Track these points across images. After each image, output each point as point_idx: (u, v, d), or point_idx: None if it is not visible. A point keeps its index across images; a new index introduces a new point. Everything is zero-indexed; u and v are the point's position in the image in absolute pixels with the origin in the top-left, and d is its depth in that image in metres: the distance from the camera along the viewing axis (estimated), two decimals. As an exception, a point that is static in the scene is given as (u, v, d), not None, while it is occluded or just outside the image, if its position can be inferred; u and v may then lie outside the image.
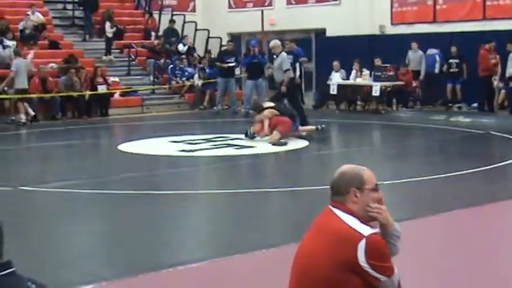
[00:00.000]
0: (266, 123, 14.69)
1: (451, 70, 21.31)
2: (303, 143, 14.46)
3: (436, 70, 21.60)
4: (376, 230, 3.82)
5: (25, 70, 19.82)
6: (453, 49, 21.17)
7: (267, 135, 14.59)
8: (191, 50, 25.66)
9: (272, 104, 15.48)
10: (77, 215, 8.92)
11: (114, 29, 24.56)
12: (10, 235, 2.60)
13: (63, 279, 5.87)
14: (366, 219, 3.86)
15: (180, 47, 25.08)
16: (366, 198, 3.87)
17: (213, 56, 24.41)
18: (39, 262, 6.28)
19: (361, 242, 3.67)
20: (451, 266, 6.33)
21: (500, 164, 11.72)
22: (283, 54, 17.44)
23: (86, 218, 8.78)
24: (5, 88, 19.76)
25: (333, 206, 3.90)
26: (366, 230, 3.74)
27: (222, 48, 24.08)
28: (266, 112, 14.93)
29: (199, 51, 25.98)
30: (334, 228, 3.79)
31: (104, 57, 24.22)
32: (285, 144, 14.18)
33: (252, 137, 14.91)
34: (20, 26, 23.03)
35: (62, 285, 5.65)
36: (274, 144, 14.15)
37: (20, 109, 19.42)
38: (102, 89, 21.40)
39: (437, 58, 21.57)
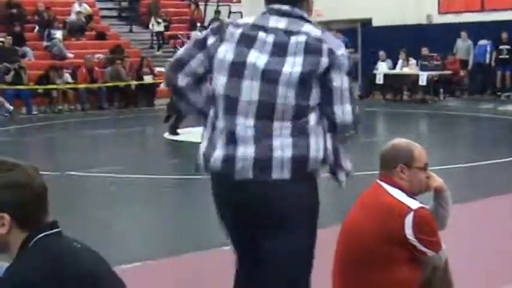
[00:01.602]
0: None
1: (501, 57, 21.02)
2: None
3: (487, 61, 21.33)
4: (423, 205, 3.77)
5: None
6: (504, 35, 20.88)
7: None
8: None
9: None
10: (122, 198, 8.98)
11: (162, 24, 24.66)
12: (57, 217, 2.60)
13: (109, 258, 5.88)
14: (414, 194, 3.81)
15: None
16: (414, 176, 3.80)
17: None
18: (85, 240, 6.30)
19: (408, 215, 3.63)
20: (497, 249, 6.24)
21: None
22: None
23: (131, 201, 8.83)
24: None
25: (381, 180, 3.85)
26: (413, 204, 3.69)
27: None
28: None
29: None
30: (382, 201, 3.75)
31: (157, 52, 24.35)
32: None
33: None
34: (70, 17, 23.29)
35: (108, 262, 5.66)
36: None
37: None
38: (148, 78, 21.53)
39: (488, 49, 21.28)
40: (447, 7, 23.12)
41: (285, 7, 3.37)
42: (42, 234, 2.46)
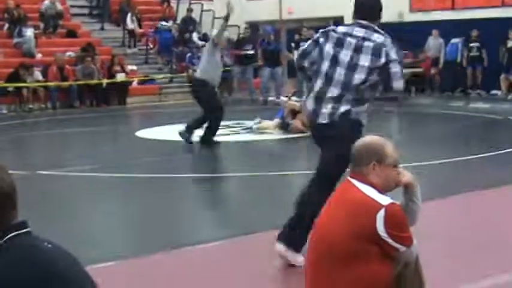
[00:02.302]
0: None
1: (472, 54, 21.20)
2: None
3: (458, 59, 21.50)
4: (394, 201, 3.80)
5: None
6: (474, 33, 21.06)
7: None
8: (207, 38, 25.66)
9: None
10: (95, 197, 8.94)
11: (136, 21, 24.56)
12: (28, 217, 2.59)
13: (83, 257, 5.85)
14: (385, 191, 3.84)
15: (194, 36, 25.08)
16: (386, 173, 3.84)
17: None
18: (58, 241, 6.27)
19: (380, 211, 3.65)
20: (467, 244, 6.30)
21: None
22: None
23: (104, 200, 8.80)
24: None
25: (352, 177, 3.87)
26: (384, 200, 3.72)
27: (240, 37, 24.05)
28: None
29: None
30: (353, 198, 3.77)
31: (129, 50, 24.23)
32: None
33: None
34: (41, 11, 23.14)
35: (82, 262, 5.63)
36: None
37: None
38: (120, 76, 21.43)
39: (460, 47, 21.45)
40: (418, 5, 23.25)
41: (365, 22, 5.65)
42: (11, 235, 2.44)
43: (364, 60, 5.48)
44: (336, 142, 5.41)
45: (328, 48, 5.59)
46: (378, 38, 5.54)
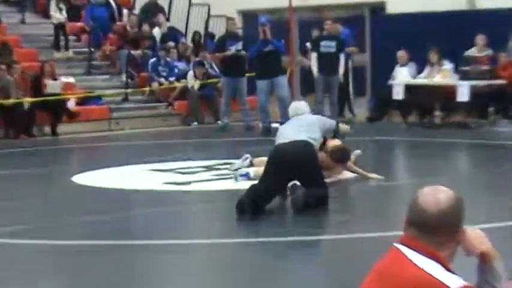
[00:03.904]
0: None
1: None
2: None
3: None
4: (467, 283, 3.79)
5: None
6: None
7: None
8: (175, 33, 25.68)
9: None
10: (20, 272, 8.97)
11: (64, 12, 24.65)
12: None
13: None
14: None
15: (156, 31, 25.15)
16: (458, 240, 3.90)
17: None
18: None
19: (448, 297, 3.64)
20: None
21: None
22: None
23: (32, 277, 8.82)
24: None
25: (407, 246, 3.85)
26: (453, 281, 3.72)
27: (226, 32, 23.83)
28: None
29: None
30: (406, 277, 3.78)
31: (57, 54, 24.27)
32: None
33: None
34: None
35: None
36: None
37: None
38: (52, 84, 21.40)
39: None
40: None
41: None
42: None
43: None
44: None
45: None
46: None
